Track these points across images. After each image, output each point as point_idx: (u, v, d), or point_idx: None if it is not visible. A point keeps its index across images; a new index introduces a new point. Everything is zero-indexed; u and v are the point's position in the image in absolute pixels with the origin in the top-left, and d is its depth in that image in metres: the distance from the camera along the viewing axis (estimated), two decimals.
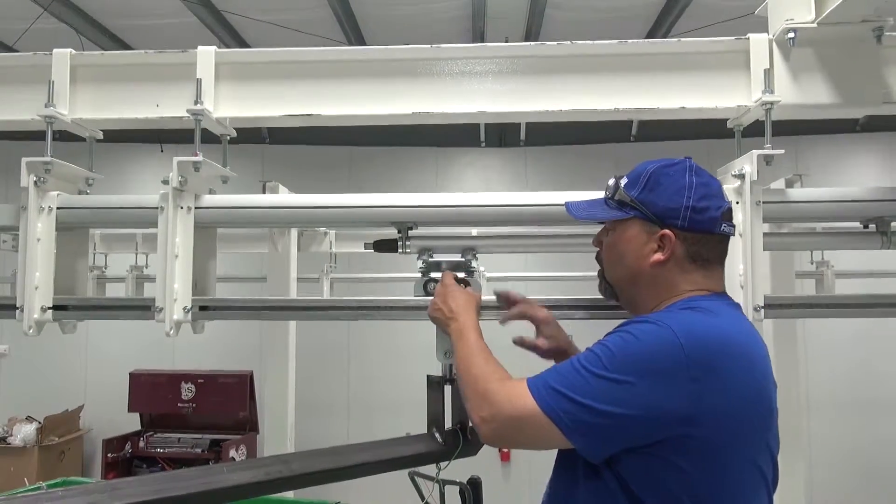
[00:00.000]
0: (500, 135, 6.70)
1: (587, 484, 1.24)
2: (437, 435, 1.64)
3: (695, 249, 1.32)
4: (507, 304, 1.65)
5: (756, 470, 1.21)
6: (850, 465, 5.69)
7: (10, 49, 5.01)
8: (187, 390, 5.78)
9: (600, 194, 1.45)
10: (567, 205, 1.48)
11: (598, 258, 1.46)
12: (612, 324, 1.63)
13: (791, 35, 1.65)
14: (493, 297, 1.65)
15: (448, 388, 1.67)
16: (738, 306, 1.36)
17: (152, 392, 5.84)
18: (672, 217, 1.31)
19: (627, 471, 1.19)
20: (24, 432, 5.71)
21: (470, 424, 1.65)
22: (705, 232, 1.31)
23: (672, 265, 1.32)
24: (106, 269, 4.51)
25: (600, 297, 1.64)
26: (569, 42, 1.78)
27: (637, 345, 1.18)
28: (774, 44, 1.71)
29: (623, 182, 1.37)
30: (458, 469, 1.65)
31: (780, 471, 1.27)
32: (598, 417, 1.16)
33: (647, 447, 1.16)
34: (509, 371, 1.33)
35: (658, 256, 1.32)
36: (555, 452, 1.34)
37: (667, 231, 1.31)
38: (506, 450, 6.07)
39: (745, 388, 1.19)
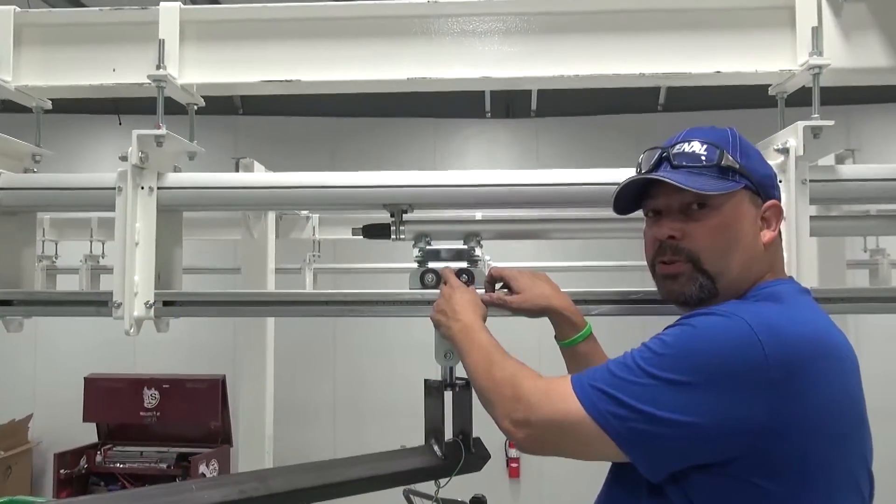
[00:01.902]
0: (508, 104, 6.68)
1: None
2: (436, 447, 1.64)
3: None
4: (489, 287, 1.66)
5: (853, 485, 1.17)
6: None
7: None
8: (150, 397, 5.79)
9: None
10: (661, 172, 1.33)
11: (676, 250, 1.31)
12: (635, 321, 1.64)
13: None
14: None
15: (448, 395, 1.67)
16: (809, 292, 1.34)
17: (110, 399, 5.85)
18: (771, 186, 1.34)
19: (697, 492, 1.14)
20: None
21: (474, 436, 1.66)
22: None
23: (778, 243, 1.34)
24: (56, 258, 4.50)
25: (626, 289, 1.64)
26: None
27: (703, 340, 1.14)
28: None
29: (710, 146, 1.30)
30: (461, 486, 1.66)
31: None
32: (657, 426, 1.11)
33: (720, 465, 1.12)
34: None
35: (771, 234, 1.31)
36: (572, 463, 1.32)
37: (777, 202, 1.33)
38: (515, 465, 6.10)
39: (838, 392, 1.15)
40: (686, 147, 1.31)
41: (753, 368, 1.10)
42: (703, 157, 1.30)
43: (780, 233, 1.34)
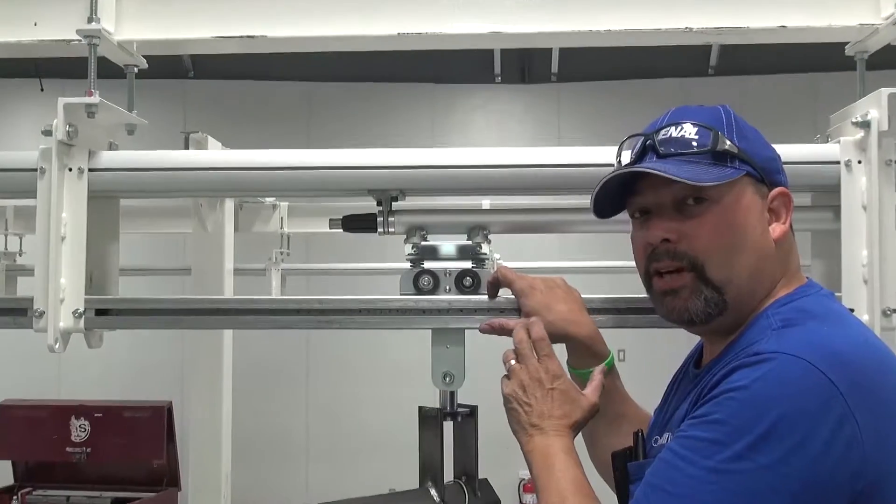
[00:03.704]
0: (523, 66, 6.69)
1: None
2: (432, 491, 1.65)
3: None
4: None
5: None
6: None
7: None
8: (79, 429, 5.79)
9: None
10: (647, 163, 1.34)
11: (673, 254, 1.32)
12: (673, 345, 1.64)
13: None
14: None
15: (449, 426, 1.68)
16: (833, 295, 1.38)
17: (29, 431, 5.85)
18: (776, 171, 1.36)
19: None
20: None
21: (480, 476, 1.67)
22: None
23: (791, 239, 1.35)
24: None
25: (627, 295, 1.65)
26: None
27: (769, 400, 1.12)
28: None
29: (701, 128, 1.31)
30: None
31: None
32: None
33: None
34: None
35: (781, 227, 1.32)
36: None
37: (785, 189, 1.34)
38: None
39: None
40: (674, 131, 1.32)
41: (833, 410, 1.10)
42: (695, 143, 1.31)
43: (791, 226, 1.35)
